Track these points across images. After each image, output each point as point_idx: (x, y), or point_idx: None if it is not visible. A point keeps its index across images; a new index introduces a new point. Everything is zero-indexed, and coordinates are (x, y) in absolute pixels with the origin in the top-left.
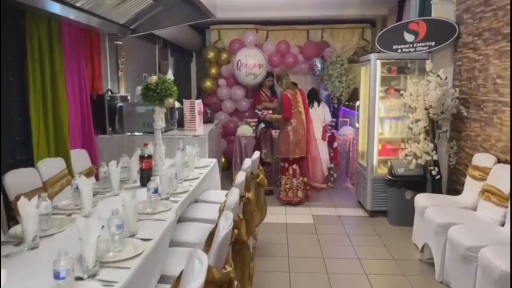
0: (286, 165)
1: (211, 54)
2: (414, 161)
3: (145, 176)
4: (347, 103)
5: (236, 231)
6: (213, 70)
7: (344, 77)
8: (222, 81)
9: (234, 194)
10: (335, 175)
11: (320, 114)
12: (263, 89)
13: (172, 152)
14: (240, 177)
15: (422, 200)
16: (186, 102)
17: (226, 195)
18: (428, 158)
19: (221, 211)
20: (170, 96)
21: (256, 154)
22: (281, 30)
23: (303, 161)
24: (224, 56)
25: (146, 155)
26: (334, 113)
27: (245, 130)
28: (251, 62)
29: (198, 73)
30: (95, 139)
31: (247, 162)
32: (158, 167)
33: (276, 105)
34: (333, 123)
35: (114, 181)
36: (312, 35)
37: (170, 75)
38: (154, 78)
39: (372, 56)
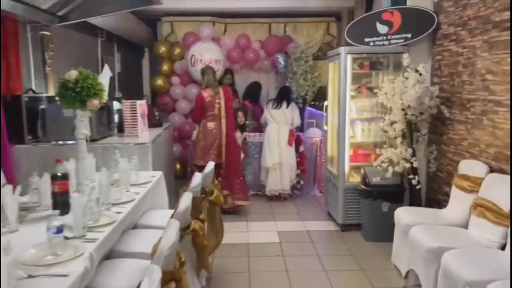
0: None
1: (162, 49)
2: (390, 168)
3: (59, 202)
4: (312, 103)
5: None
6: (165, 67)
7: (309, 75)
8: (175, 79)
9: (170, 234)
10: (301, 182)
11: (287, 116)
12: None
13: (109, 165)
14: (184, 203)
15: (403, 215)
16: (126, 103)
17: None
18: (407, 165)
19: (153, 255)
20: (94, 96)
21: (210, 166)
22: (240, 23)
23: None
24: (177, 50)
25: (59, 175)
26: (300, 114)
27: None
28: (206, 58)
29: (151, 70)
30: (8, 150)
31: (196, 179)
32: (82, 187)
33: (238, 106)
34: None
35: (10, 213)
36: (274, 29)
37: (106, 73)
38: (73, 74)
39: (342, 50)
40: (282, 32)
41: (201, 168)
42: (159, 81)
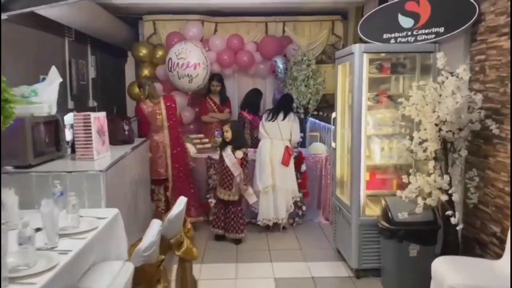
0: (152, 187)
1: (143, 51)
2: (421, 201)
3: None
4: (315, 112)
5: None
6: (146, 72)
7: (312, 81)
8: (157, 86)
9: None
10: (303, 207)
11: (283, 130)
12: (210, 96)
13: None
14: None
15: (446, 271)
16: (78, 117)
17: None
18: (443, 197)
19: None
20: None
21: (180, 204)
22: (232, 22)
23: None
24: (159, 53)
25: None
26: (300, 126)
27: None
28: (185, 61)
29: (137, 76)
30: None
31: (149, 236)
32: None
33: (228, 116)
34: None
35: None
36: (272, 29)
37: (52, 77)
38: None
39: (357, 48)
40: (281, 32)
41: (156, 183)
42: (137, 89)
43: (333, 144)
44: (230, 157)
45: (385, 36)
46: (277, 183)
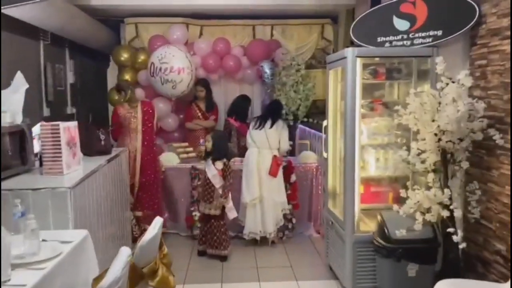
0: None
1: (124, 56)
2: (419, 216)
3: None
4: (305, 119)
5: None
6: (127, 77)
7: (301, 86)
8: (138, 92)
9: None
10: (293, 220)
11: (271, 139)
12: (196, 102)
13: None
14: None
15: None
16: (45, 127)
17: None
18: (444, 213)
19: None
20: None
21: (154, 226)
22: (219, 25)
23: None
24: (141, 57)
25: None
26: (290, 133)
27: (169, 159)
28: (168, 66)
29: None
30: None
31: (117, 264)
32: None
33: (213, 124)
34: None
35: None
36: (259, 33)
37: (18, 83)
38: None
39: (350, 51)
40: (269, 36)
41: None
42: (118, 95)
43: (324, 154)
44: (211, 168)
45: (379, 39)
46: (265, 195)
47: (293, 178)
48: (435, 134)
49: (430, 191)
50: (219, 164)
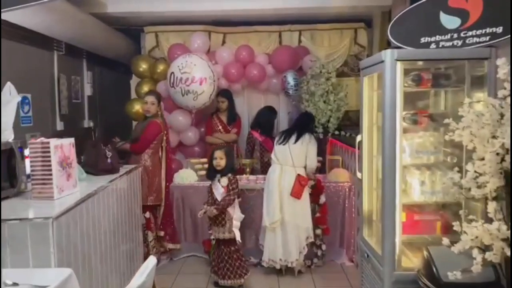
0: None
1: (143, 66)
2: (478, 254)
3: None
4: (337, 132)
5: None
6: (146, 88)
7: (332, 96)
8: None
9: None
10: (323, 246)
11: (296, 155)
12: (218, 114)
13: None
14: None
15: None
16: (35, 145)
17: None
18: (509, 252)
19: None
20: None
21: (143, 272)
22: (242, 32)
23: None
24: (161, 67)
25: None
26: (319, 148)
27: (187, 176)
28: (190, 76)
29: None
30: None
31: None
32: None
33: (234, 138)
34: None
35: None
36: (286, 39)
37: (9, 96)
38: None
39: (388, 54)
40: (296, 43)
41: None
42: (137, 107)
43: (358, 174)
44: (218, 188)
45: (423, 40)
46: (286, 218)
47: (322, 199)
48: (497, 154)
49: (491, 225)
50: (224, 181)
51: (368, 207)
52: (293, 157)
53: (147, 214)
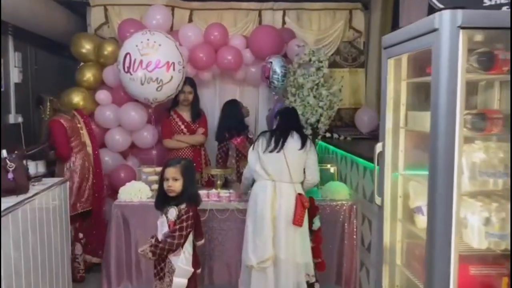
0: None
1: (87, 47)
2: None
3: None
4: (329, 135)
5: None
6: (89, 75)
7: (324, 90)
8: (104, 95)
9: None
10: (317, 286)
11: (295, 167)
12: (177, 110)
13: None
14: None
15: None
16: None
17: None
18: None
19: None
20: None
21: None
22: (214, 9)
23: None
24: (109, 49)
25: None
26: None
27: (135, 192)
28: (152, 58)
29: None
30: None
31: None
32: None
33: (202, 139)
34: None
35: None
36: (268, 19)
37: None
38: None
39: (446, 18)
40: (280, 24)
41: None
42: (76, 98)
43: (377, 200)
44: (164, 224)
45: (487, 2)
46: (282, 255)
47: (317, 223)
48: None
49: None
50: (172, 213)
51: (391, 245)
52: (291, 170)
53: (77, 224)
